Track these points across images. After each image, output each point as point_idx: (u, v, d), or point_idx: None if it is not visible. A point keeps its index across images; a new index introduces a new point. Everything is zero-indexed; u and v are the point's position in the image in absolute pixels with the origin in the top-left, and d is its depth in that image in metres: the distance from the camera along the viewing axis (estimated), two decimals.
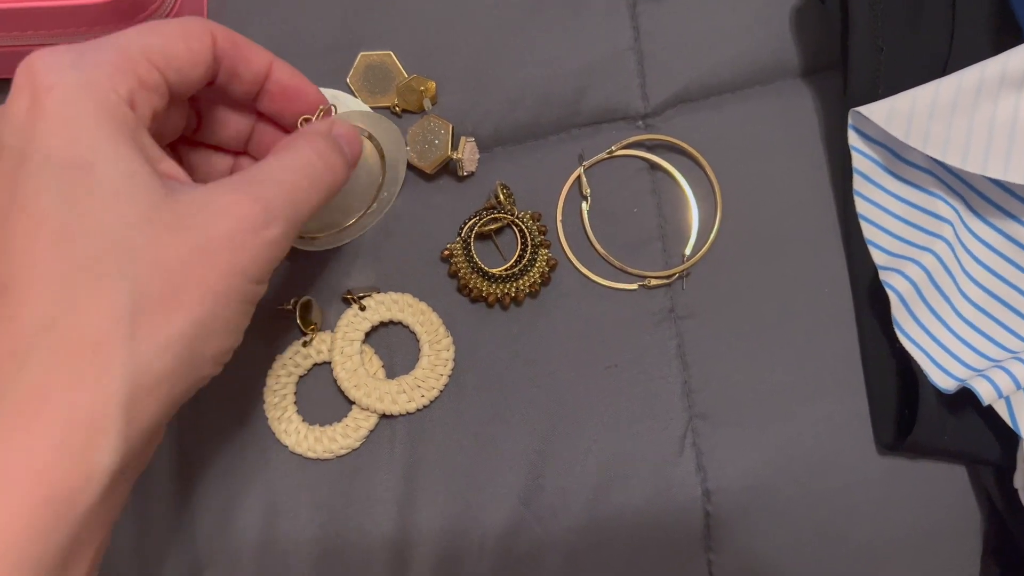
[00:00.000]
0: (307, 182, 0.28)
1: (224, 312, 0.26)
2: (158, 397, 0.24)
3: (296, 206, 0.28)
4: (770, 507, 0.37)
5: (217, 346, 0.26)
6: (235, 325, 0.27)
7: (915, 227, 0.37)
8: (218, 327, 0.26)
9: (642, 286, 0.39)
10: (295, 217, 0.27)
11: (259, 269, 0.27)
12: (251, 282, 0.26)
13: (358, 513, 0.37)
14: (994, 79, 0.35)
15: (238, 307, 0.26)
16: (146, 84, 0.26)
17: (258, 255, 0.26)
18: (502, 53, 0.40)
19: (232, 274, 0.26)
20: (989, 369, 0.34)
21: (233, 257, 0.26)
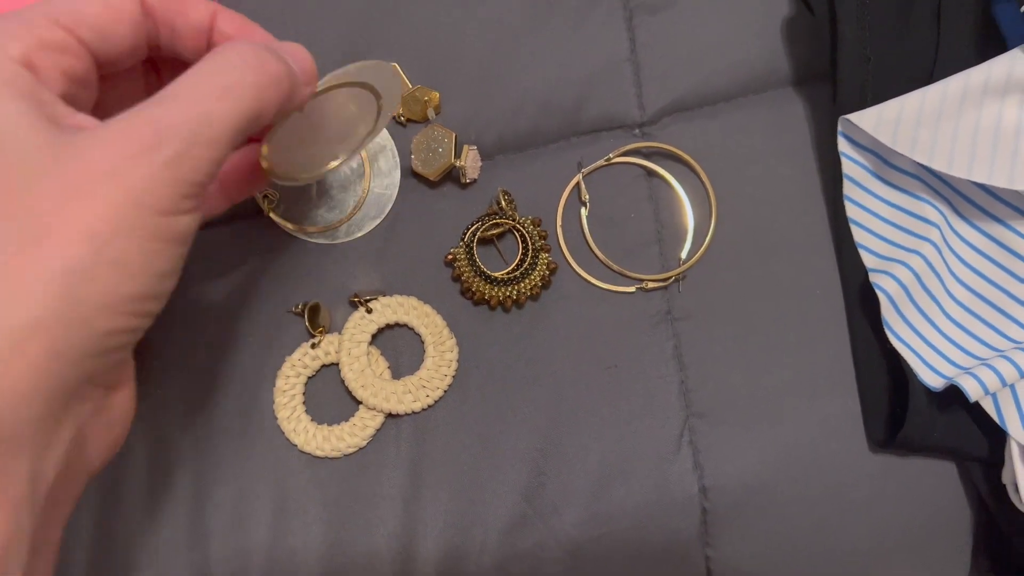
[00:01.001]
0: (221, 91, 0.24)
1: (111, 251, 0.22)
2: (31, 352, 0.21)
3: (204, 120, 0.24)
4: (765, 504, 0.38)
5: (110, 291, 0.23)
6: (139, 265, 0.23)
7: (903, 230, 0.38)
8: (104, 269, 0.22)
9: (640, 289, 0.40)
10: (205, 134, 0.24)
11: (158, 197, 0.23)
12: (152, 213, 0.23)
13: (365, 509, 0.38)
14: (978, 87, 0.36)
15: (136, 244, 0.23)
16: (48, 44, 0.24)
17: (151, 181, 0.23)
18: (503, 64, 0.41)
19: (117, 206, 0.22)
20: (976, 367, 0.35)
21: (115, 188, 0.22)
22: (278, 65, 0.26)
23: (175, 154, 0.23)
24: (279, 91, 0.26)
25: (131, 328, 0.24)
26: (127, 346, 0.24)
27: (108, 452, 0.27)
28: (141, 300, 0.23)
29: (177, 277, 0.25)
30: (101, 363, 0.23)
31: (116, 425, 0.27)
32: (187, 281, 0.40)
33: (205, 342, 0.39)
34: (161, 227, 0.23)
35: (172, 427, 0.39)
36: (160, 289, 0.24)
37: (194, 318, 0.40)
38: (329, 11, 0.42)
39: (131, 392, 0.27)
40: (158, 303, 0.24)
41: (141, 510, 0.38)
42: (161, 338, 0.39)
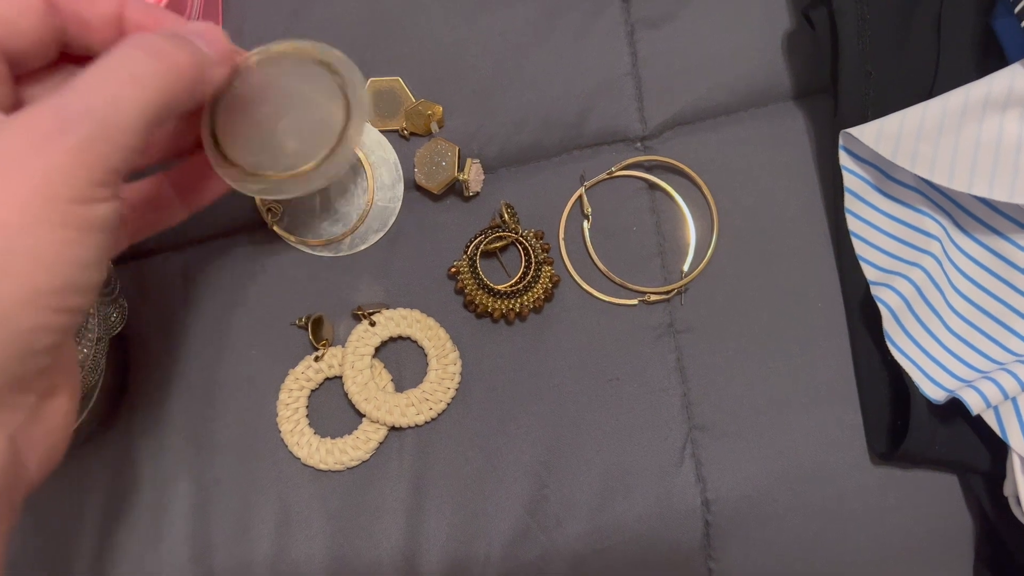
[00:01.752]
0: (126, 79, 0.24)
1: (23, 241, 0.21)
2: None
3: (111, 106, 0.23)
4: (768, 516, 0.38)
5: (26, 284, 0.22)
6: (54, 255, 0.22)
7: (904, 243, 0.39)
8: (18, 261, 0.21)
9: (642, 301, 0.40)
10: (111, 119, 0.23)
11: (69, 185, 0.22)
12: (64, 201, 0.22)
13: (368, 523, 0.38)
14: (978, 101, 0.36)
15: (50, 233, 0.22)
16: None
17: (60, 168, 0.22)
18: (506, 79, 0.42)
19: (26, 195, 0.22)
20: (977, 380, 0.35)
21: (23, 176, 0.22)
22: (183, 51, 0.26)
23: (82, 140, 0.22)
24: (187, 75, 0.26)
25: (55, 326, 0.23)
26: (54, 347, 0.23)
27: (47, 463, 0.25)
28: (62, 293, 0.22)
29: (102, 269, 0.24)
30: (28, 366, 0.23)
31: (53, 434, 0.25)
32: (190, 293, 0.40)
33: (208, 355, 0.40)
34: (75, 215, 0.22)
35: (175, 439, 0.39)
36: (82, 281, 0.23)
37: (197, 331, 0.40)
38: (333, 26, 0.42)
39: (70, 398, 0.26)
40: (82, 297, 0.23)
41: (144, 523, 0.38)
42: (163, 350, 0.39)
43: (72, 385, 0.26)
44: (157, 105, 0.24)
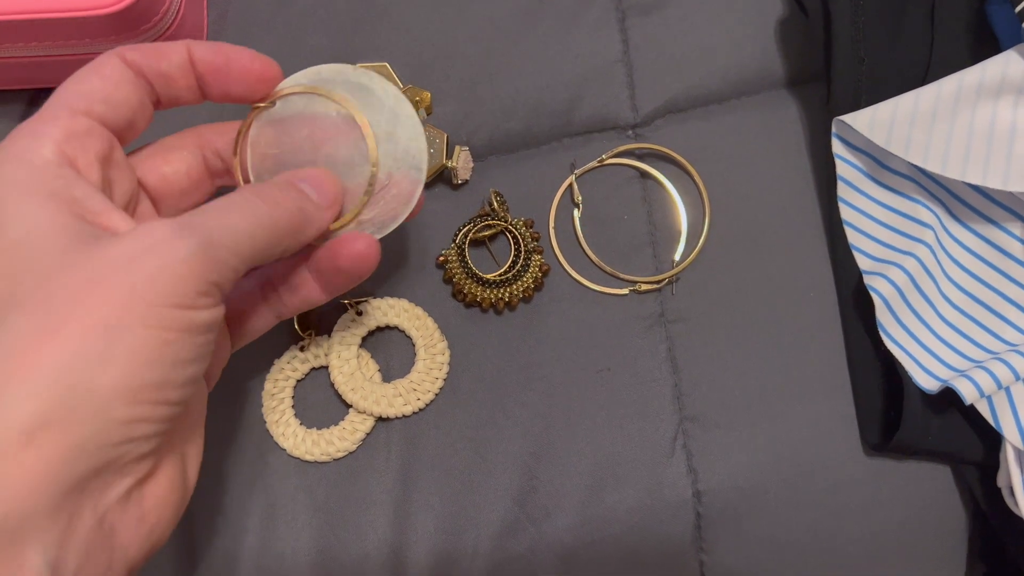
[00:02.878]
0: (237, 210, 0.27)
1: (125, 340, 0.23)
2: (43, 444, 0.22)
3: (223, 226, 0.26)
4: (760, 508, 0.38)
5: (124, 380, 0.23)
6: (153, 354, 0.23)
7: (898, 232, 0.38)
8: (118, 357, 0.23)
9: (633, 291, 0.40)
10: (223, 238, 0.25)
11: (174, 290, 0.24)
12: (168, 305, 0.24)
13: (355, 514, 0.37)
14: (972, 88, 0.36)
15: (151, 334, 0.23)
16: (76, 133, 0.26)
17: (168, 273, 0.24)
18: (496, 65, 0.41)
19: (132, 296, 0.23)
20: (971, 370, 0.35)
21: (132, 277, 0.23)
22: (294, 200, 0.29)
23: (193, 251, 0.24)
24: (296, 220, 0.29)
25: (150, 417, 0.24)
26: (151, 436, 0.24)
27: (145, 544, 0.26)
28: (158, 389, 0.24)
29: (201, 366, 0.26)
30: (121, 452, 0.24)
31: (149, 516, 0.26)
32: None
33: None
34: (177, 319, 0.24)
35: None
36: (178, 377, 0.24)
37: None
38: (320, 11, 0.41)
39: (169, 483, 0.27)
40: (179, 391, 0.25)
41: None
42: None
43: (173, 473, 0.27)
44: (264, 237, 0.27)
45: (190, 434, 0.29)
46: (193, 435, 0.29)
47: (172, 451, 0.28)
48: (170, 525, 0.27)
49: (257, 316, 0.33)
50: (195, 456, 0.29)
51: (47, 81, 0.39)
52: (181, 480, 0.28)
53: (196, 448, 0.29)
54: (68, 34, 0.35)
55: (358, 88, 0.32)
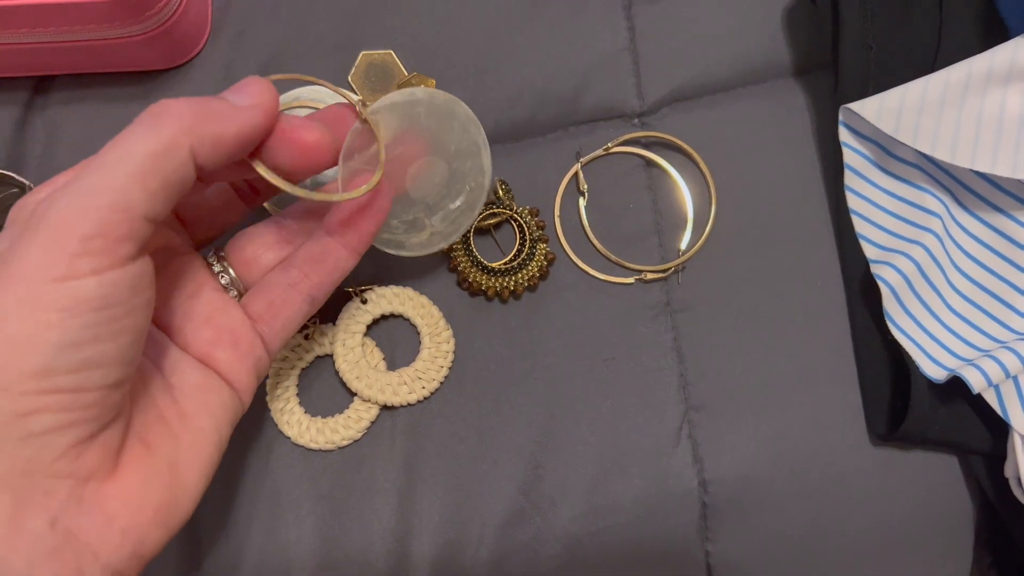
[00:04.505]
0: (108, 160, 0.24)
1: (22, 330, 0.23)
2: None
3: (91, 184, 0.24)
4: (765, 497, 0.37)
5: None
6: (25, 342, 0.23)
7: (905, 221, 0.38)
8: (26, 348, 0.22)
9: (638, 280, 0.39)
10: (86, 188, 0.24)
11: (40, 263, 0.23)
12: (37, 281, 0.23)
13: (359, 503, 0.37)
14: (981, 75, 0.36)
15: (24, 316, 0.23)
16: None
17: (33, 246, 0.23)
18: (501, 53, 0.41)
19: (6, 281, 0.23)
20: (979, 358, 0.35)
21: (7, 263, 0.23)
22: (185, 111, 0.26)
23: (53, 212, 0.23)
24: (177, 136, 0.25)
25: (45, 407, 0.23)
26: (61, 428, 0.23)
27: (123, 547, 0.25)
28: (43, 376, 0.23)
29: (102, 347, 0.24)
30: (34, 450, 0.23)
31: (118, 518, 0.25)
32: None
33: None
34: (54, 295, 0.23)
35: None
36: (67, 362, 0.23)
37: None
38: None
39: (140, 483, 0.26)
40: (72, 377, 0.23)
41: None
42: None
43: (144, 472, 0.26)
44: (141, 161, 0.24)
45: (172, 431, 0.28)
46: (179, 433, 0.28)
47: (142, 448, 0.27)
48: (154, 526, 0.26)
49: (289, 304, 0.33)
50: (190, 456, 0.28)
51: (52, 67, 0.39)
52: (161, 481, 0.27)
53: (189, 447, 0.28)
54: (73, 20, 0.34)
55: (443, 112, 0.33)
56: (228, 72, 0.40)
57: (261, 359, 0.32)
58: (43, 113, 0.40)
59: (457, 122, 0.34)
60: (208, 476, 0.29)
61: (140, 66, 0.39)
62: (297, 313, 0.33)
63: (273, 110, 0.28)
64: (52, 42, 0.36)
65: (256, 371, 0.31)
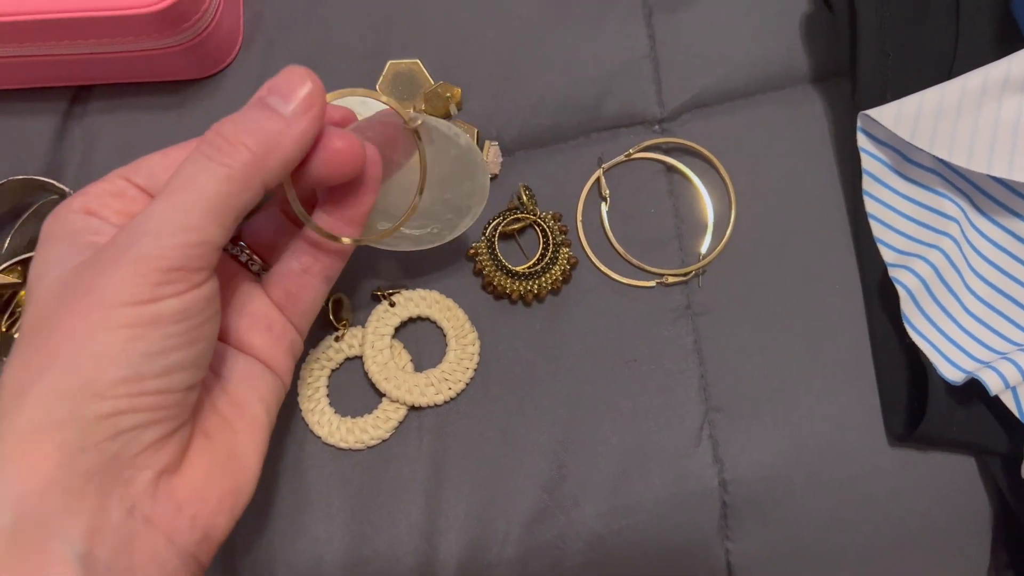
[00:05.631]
0: (186, 192, 0.26)
1: (87, 346, 0.25)
2: (38, 448, 0.24)
3: (168, 216, 0.26)
4: (785, 497, 0.38)
5: (92, 379, 0.24)
6: (121, 353, 0.25)
7: (923, 225, 0.39)
8: (83, 361, 0.24)
9: (660, 283, 0.40)
10: (164, 228, 0.26)
11: (125, 291, 0.25)
12: (122, 306, 0.25)
13: (388, 501, 0.38)
14: (997, 82, 0.36)
15: (110, 335, 0.25)
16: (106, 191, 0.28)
17: (115, 278, 0.25)
18: (525, 61, 0.42)
19: (92, 305, 0.25)
20: (996, 361, 0.35)
21: (92, 289, 0.25)
22: (250, 137, 0.27)
23: (135, 252, 0.25)
24: (248, 164, 0.27)
25: (133, 408, 0.25)
26: (146, 425, 0.25)
27: (193, 532, 0.27)
28: (133, 382, 0.25)
29: (183, 354, 0.26)
30: (120, 445, 0.25)
31: (188, 505, 0.27)
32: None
33: None
34: (137, 315, 0.25)
35: None
36: (152, 368, 0.25)
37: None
38: (352, 9, 0.42)
39: (204, 473, 0.28)
40: (157, 381, 0.25)
41: None
42: None
43: (208, 462, 0.28)
44: (226, 193, 0.26)
45: (227, 421, 0.30)
46: (233, 421, 0.30)
47: (204, 441, 0.29)
48: (220, 513, 0.28)
49: (306, 289, 0.34)
50: (247, 442, 0.30)
51: (89, 78, 0.40)
52: (222, 469, 0.29)
53: (245, 434, 0.30)
54: (110, 32, 0.36)
55: (468, 163, 0.35)
56: (260, 81, 0.40)
57: (295, 341, 0.33)
58: (81, 122, 0.41)
59: (470, 182, 0.35)
60: (263, 457, 0.31)
61: (175, 76, 0.40)
62: (317, 295, 0.34)
63: (322, 115, 0.28)
64: (91, 53, 0.37)
65: (292, 352, 0.33)
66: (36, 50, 0.37)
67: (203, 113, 0.41)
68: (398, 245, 0.37)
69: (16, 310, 0.38)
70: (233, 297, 0.32)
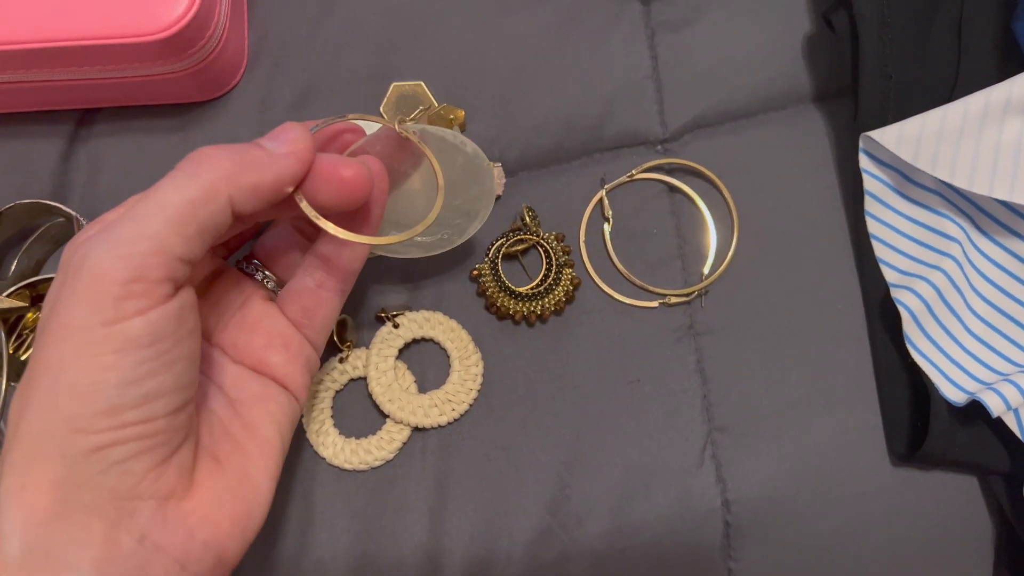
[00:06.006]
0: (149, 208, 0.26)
1: (62, 379, 0.24)
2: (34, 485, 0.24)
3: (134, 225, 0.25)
4: (788, 516, 0.38)
5: (64, 414, 0.24)
6: (95, 384, 0.24)
7: (925, 246, 0.39)
8: (60, 395, 0.24)
9: (662, 304, 0.40)
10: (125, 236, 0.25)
11: (89, 311, 0.25)
12: (89, 328, 0.24)
13: (392, 522, 0.38)
14: (999, 105, 0.36)
15: (81, 364, 0.24)
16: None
17: (77, 296, 0.25)
18: (527, 82, 0.42)
19: (61, 334, 0.25)
20: (998, 382, 0.35)
21: (59, 316, 0.25)
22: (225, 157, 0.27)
23: (93, 261, 0.25)
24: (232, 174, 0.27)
25: (119, 440, 0.25)
26: (137, 455, 0.25)
27: (205, 556, 0.27)
28: (112, 413, 0.24)
29: (160, 380, 0.25)
30: (116, 478, 0.25)
31: (199, 530, 0.27)
32: None
33: None
34: (105, 338, 0.24)
35: None
36: (131, 397, 0.25)
37: None
38: (356, 32, 0.42)
39: (214, 498, 0.28)
40: (140, 410, 0.25)
41: None
42: None
43: (217, 488, 0.28)
44: (179, 208, 0.26)
45: (238, 444, 0.30)
46: (244, 444, 0.30)
47: (214, 465, 0.29)
48: (232, 537, 0.28)
49: (322, 304, 0.34)
50: (258, 464, 0.30)
51: (96, 101, 0.40)
52: (234, 493, 0.29)
53: (256, 456, 0.30)
54: (117, 59, 0.36)
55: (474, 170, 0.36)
56: (264, 103, 0.42)
57: (311, 357, 0.33)
58: (86, 145, 0.42)
59: (477, 187, 0.36)
60: (276, 480, 0.31)
61: (179, 99, 0.41)
62: (332, 310, 0.34)
63: (308, 157, 0.29)
64: (96, 78, 0.38)
65: (308, 369, 0.33)
66: (42, 76, 0.37)
67: (208, 135, 0.41)
68: (408, 252, 0.37)
69: (24, 332, 0.39)
70: (249, 316, 0.33)
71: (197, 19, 0.35)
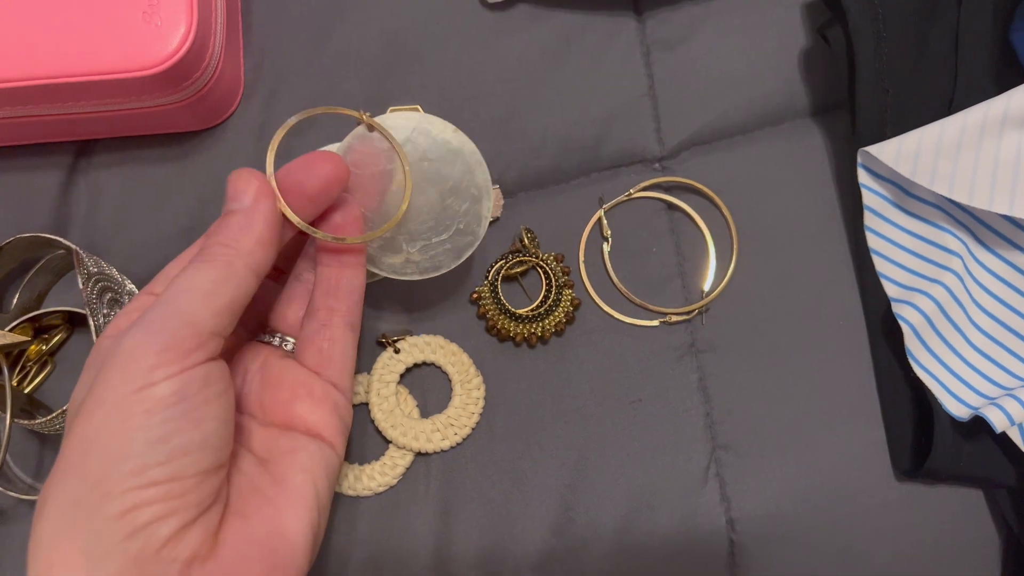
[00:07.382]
0: (175, 294, 0.28)
1: (93, 447, 0.25)
2: (63, 560, 0.25)
3: (168, 307, 0.27)
4: (792, 534, 0.38)
5: (103, 478, 0.25)
6: (124, 446, 0.25)
7: (925, 260, 0.39)
8: (91, 463, 0.25)
9: (663, 322, 0.40)
10: (156, 318, 0.27)
11: (119, 381, 0.26)
12: (120, 396, 0.26)
13: (396, 547, 0.38)
14: (997, 118, 0.36)
15: (111, 429, 0.25)
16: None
17: (109, 369, 0.26)
18: (524, 104, 0.42)
19: (93, 403, 0.26)
20: (1001, 398, 0.35)
21: (94, 388, 0.26)
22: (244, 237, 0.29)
23: (128, 341, 0.26)
24: (245, 261, 0.29)
25: (148, 500, 0.25)
26: (167, 516, 0.25)
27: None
28: (139, 473, 0.25)
29: (189, 436, 0.26)
30: (145, 540, 0.25)
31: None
32: None
33: None
34: (133, 402, 0.25)
35: None
36: (158, 455, 0.25)
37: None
38: (353, 57, 0.42)
39: (243, 546, 0.28)
40: (167, 468, 0.26)
41: None
42: None
43: (246, 537, 0.28)
44: (205, 289, 0.28)
45: (267, 497, 0.30)
46: (274, 497, 0.30)
47: (239, 522, 0.28)
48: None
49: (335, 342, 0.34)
50: (291, 515, 0.30)
51: (94, 133, 0.41)
52: (262, 548, 0.28)
53: (288, 508, 0.30)
54: (113, 93, 0.36)
55: (442, 145, 0.35)
56: (262, 130, 0.42)
57: (339, 402, 0.33)
58: (86, 176, 0.42)
59: (460, 159, 0.35)
60: (314, 528, 0.30)
61: (177, 128, 0.41)
62: (345, 346, 0.34)
63: (273, 197, 0.30)
64: (94, 112, 0.38)
65: (338, 413, 0.33)
66: (41, 111, 0.37)
67: (206, 164, 0.42)
68: (406, 272, 0.36)
69: (27, 365, 0.39)
70: (270, 376, 0.33)
71: (192, 51, 0.36)
